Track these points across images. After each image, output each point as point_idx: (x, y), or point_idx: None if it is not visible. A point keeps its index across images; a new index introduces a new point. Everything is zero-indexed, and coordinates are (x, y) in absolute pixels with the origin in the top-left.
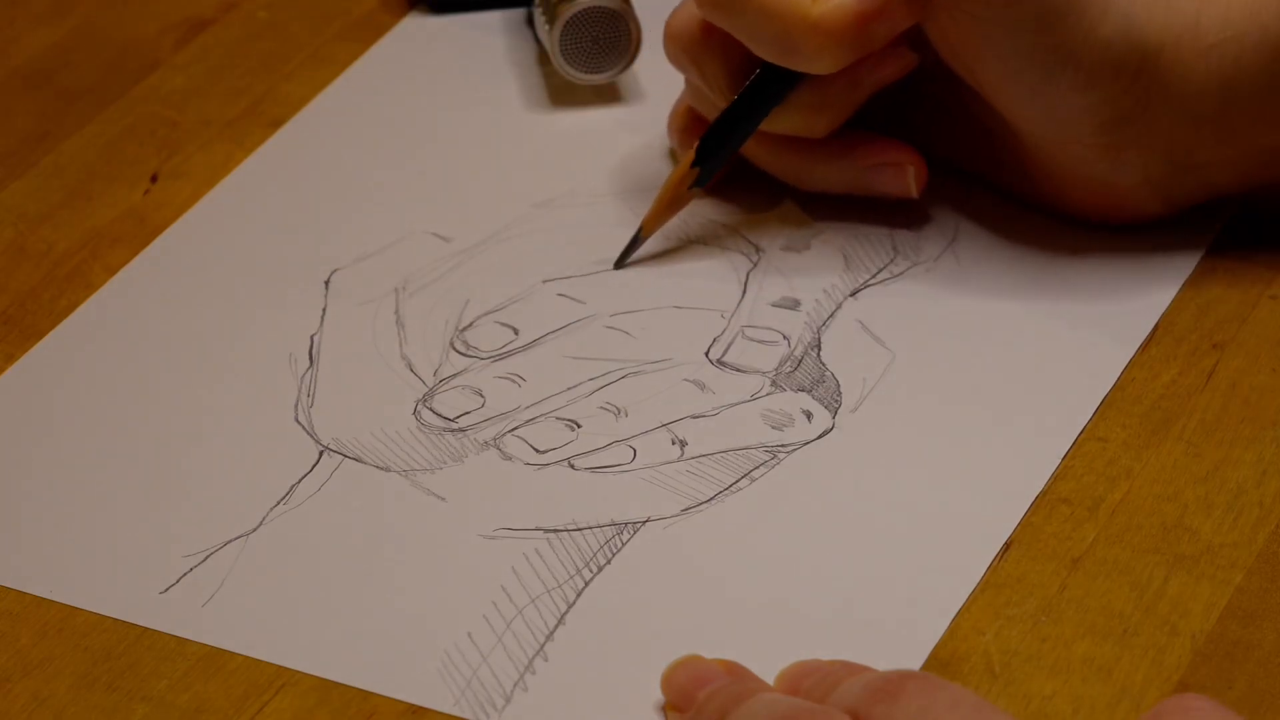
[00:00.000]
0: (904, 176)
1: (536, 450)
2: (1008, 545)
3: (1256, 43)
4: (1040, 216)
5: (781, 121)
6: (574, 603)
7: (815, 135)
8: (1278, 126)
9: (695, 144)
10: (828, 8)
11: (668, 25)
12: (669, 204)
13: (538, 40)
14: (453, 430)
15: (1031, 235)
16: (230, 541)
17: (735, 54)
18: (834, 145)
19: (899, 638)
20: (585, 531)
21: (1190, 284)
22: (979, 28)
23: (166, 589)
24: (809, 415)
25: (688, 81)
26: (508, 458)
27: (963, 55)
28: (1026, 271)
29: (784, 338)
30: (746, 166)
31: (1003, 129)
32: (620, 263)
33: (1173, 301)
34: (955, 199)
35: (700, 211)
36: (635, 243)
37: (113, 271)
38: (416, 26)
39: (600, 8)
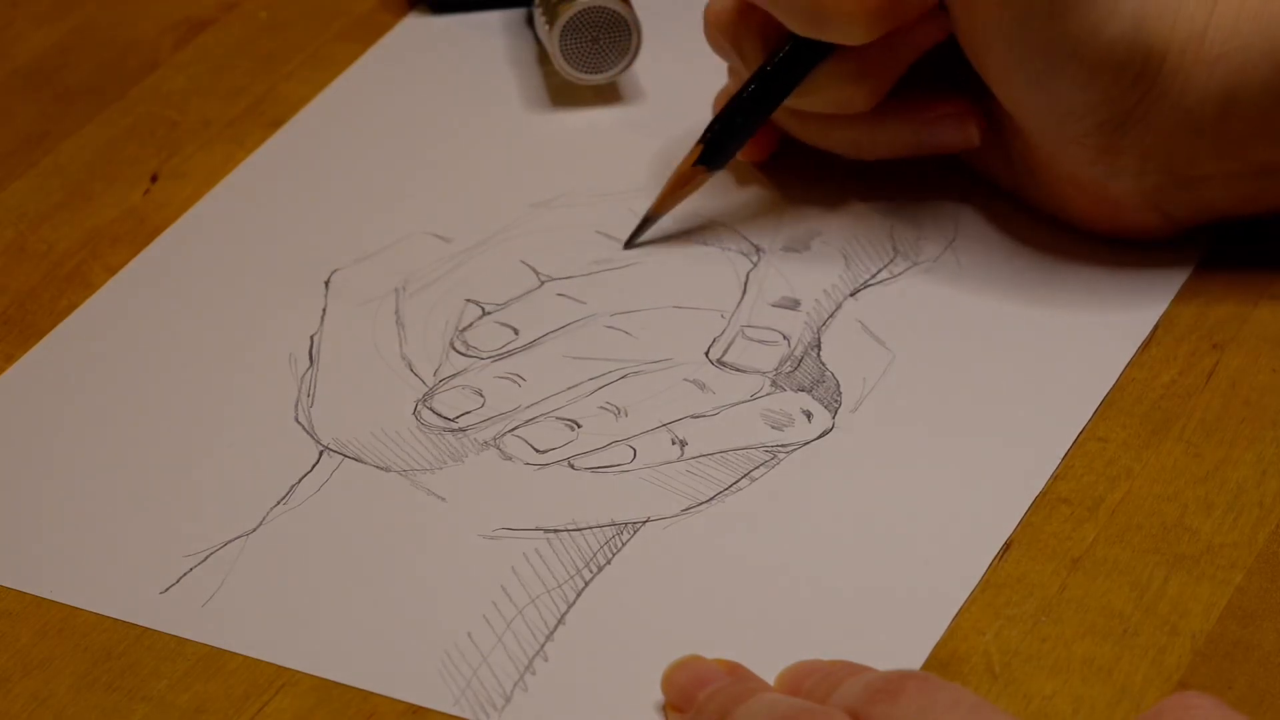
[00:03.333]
0: (967, 126)
1: (536, 450)
2: (1008, 545)
3: (1262, 55)
4: (1040, 217)
5: (821, 98)
6: (574, 603)
7: (857, 109)
8: (1278, 142)
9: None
10: None
11: (706, 10)
12: (677, 184)
13: (538, 40)
14: (453, 430)
15: (1032, 236)
16: (230, 541)
17: (773, 35)
18: (889, 108)
19: (899, 638)
20: (585, 531)
21: (1190, 284)
22: (991, 12)
23: (166, 589)
24: (809, 415)
25: (730, 68)
26: (508, 458)
27: (974, 40)
28: (1026, 271)
29: (784, 338)
30: (792, 145)
31: (1009, 127)
32: (630, 243)
33: (1173, 301)
34: (955, 199)
35: (701, 212)
36: (646, 223)
37: (113, 271)
38: (416, 26)
39: (600, 8)
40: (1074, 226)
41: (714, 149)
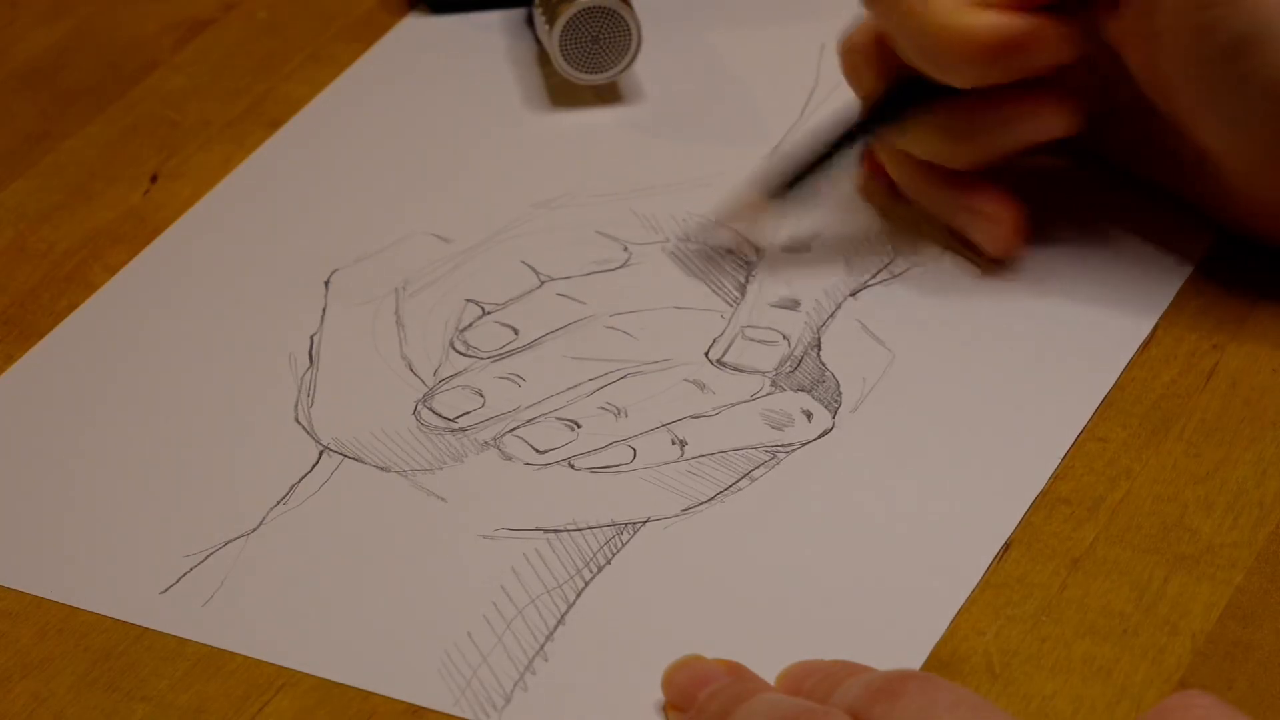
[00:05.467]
0: (995, 231)
1: (536, 450)
2: (1008, 545)
3: None
4: (1040, 217)
5: (922, 144)
6: (574, 603)
7: (953, 165)
8: None
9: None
10: (978, 17)
11: (843, 39)
12: (740, 218)
13: (538, 40)
14: (453, 430)
15: (1031, 236)
16: (230, 541)
17: (890, 73)
18: (975, 109)
19: (899, 638)
20: (585, 531)
21: (1190, 284)
22: (1173, 56)
23: (166, 589)
24: (809, 415)
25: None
26: (508, 458)
27: (1159, 86)
28: (1026, 271)
29: (784, 338)
30: None
31: (1200, 156)
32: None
33: (1173, 301)
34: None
35: (700, 212)
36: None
37: (113, 271)
38: (416, 26)
39: (600, 8)
40: (1271, 244)
41: (780, 182)
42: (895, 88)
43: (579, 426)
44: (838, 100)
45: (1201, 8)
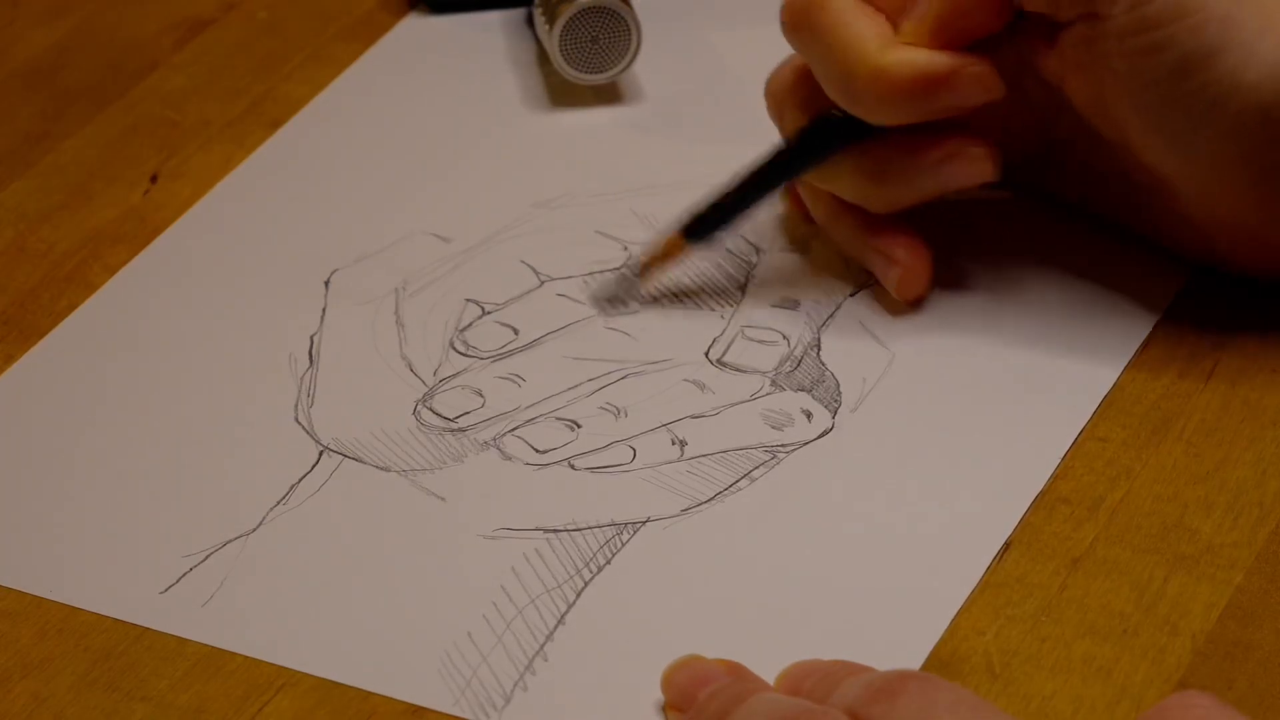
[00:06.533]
0: (902, 277)
1: (536, 450)
2: (1008, 545)
3: None
4: (1040, 216)
5: (838, 184)
6: (574, 603)
7: (872, 209)
8: None
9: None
10: (895, 55)
11: (770, 76)
12: (660, 254)
13: (538, 40)
14: (453, 430)
15: (1032, 235)
16: (230, 541)
17: (813, 109)
18: (894, 152)
19: (899, 638)
20: (585, 531)
21: (1190, 284)
22: (1118, 82)
23: (166, 589)
24: (809, 415)
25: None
26: (508, 458)
27: (1103, 111)
28: (1026, 271)
29: (784, 338)
30: None
31: (1151, 182)
32: (608, 305)
33: (1173, 301)
34: (955, 199)
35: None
36: (630, 289)
37: (113, 271)
38: (416, 26)
39: (600, 8)
40: (1223, 269)
41: (698, 224)
42: (817, 126)
43: (579, 426)
44: None
45: (1147, 29)
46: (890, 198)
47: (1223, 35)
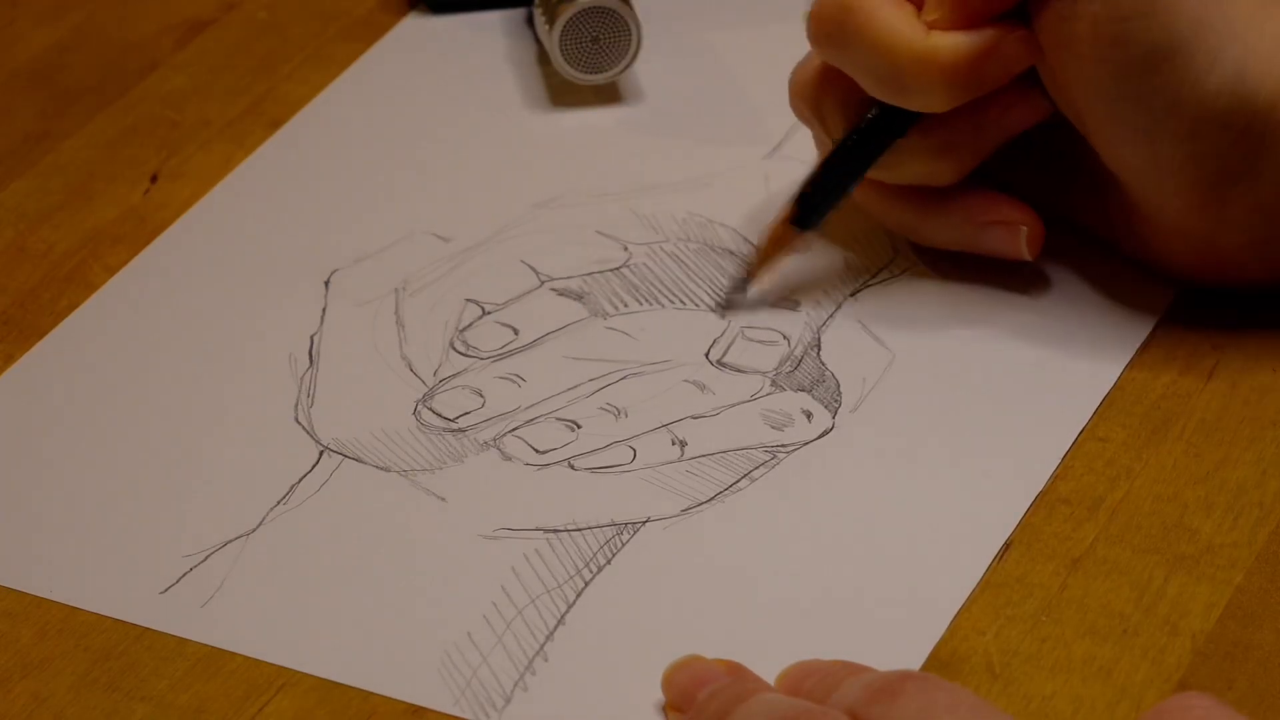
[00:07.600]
0: (1016, 237)
1: (536, 450)
2: (1008, 545)
3: None
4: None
5: (905, 169)
6: (574, 603)
7: (941, 183)
8: None
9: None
10: (938, 41)
11: (791, 77)
12: (772, 245)
13: (538, 40)
14: (453, 430)
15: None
16: (230, 541)
17: (854, 103)
18: (948, 201)
19: (899, 638)
20: (585, 531)
21: (1191, 283)
22: (1086, 68)
23: (166, 589)
24: (809, 415)
25: (814, 136)
26: (508, 458)
27: (1071, 98)
28: (1026, 271)
29: (784, 338)
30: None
31: (1110, 182)
32: (727, 307)
33: (1173, 301)
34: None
35: (701, 213)
36: (742, 287)
37: (113, 271)
38: (416, 26)
39: (600, 8)
40: (1174, 276)
41: (807, 209)
42: (876, 118)
43: (579, 427)
44: None
45: (1118, 20)
46: (957, 166)
47: (1192, 36)
